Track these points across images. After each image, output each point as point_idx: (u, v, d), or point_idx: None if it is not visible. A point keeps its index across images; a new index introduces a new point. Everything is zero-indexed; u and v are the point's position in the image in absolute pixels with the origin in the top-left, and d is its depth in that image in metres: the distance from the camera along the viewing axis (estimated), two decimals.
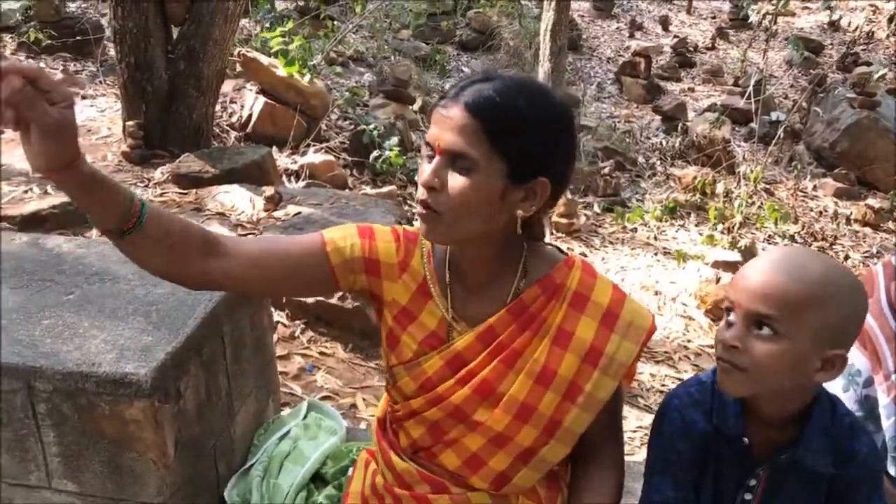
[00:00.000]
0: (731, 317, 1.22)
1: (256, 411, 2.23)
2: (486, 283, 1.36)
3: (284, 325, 3.55)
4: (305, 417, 2.28)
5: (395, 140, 6.41)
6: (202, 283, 1.33)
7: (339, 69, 8.23)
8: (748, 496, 1.34)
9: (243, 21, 6.43)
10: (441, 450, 1.41)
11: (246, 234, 3.99)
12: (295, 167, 5.68)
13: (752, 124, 8.86)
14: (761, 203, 7.35)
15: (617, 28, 12.61)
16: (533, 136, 1.23)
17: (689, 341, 4.67)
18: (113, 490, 1.74)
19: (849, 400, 1.59)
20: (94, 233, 4.21)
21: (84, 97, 6.54)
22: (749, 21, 10.65)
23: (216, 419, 1.97)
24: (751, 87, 8.57)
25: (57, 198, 4.23)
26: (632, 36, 12.23)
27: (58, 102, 1.05)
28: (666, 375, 4.19)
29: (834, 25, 12.78)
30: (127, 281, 2.02)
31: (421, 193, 1.25)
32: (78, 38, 7.32)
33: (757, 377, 1.20)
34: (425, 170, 1.25)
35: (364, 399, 3.23)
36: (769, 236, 6.87)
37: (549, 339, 1.33)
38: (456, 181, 1.22)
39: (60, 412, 1.69)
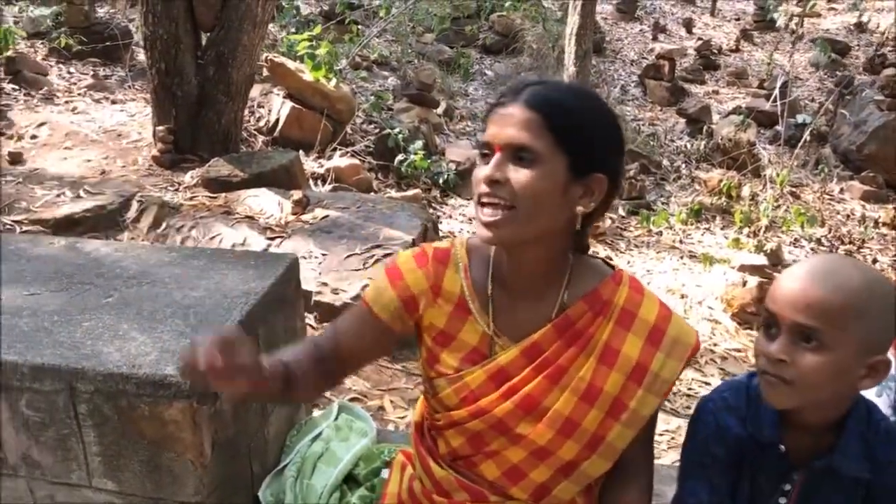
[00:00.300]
0: (772, 329, 1.22)
1: (289, 413, 2.26)
2: (531, 293, 1.36)
3: (313, 328, 3.58)
4: (336, 419, 2.31)
5: (419, 143, 6.45)
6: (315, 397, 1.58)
7: (363, 73, 8.28)
8: (782, 500, 1.35)
9: (269, 26, 6.48)
10: (481, 460, 1.41)
11: (275, 238, 4.04)
12: (321, 171, 5.73)
13: (778, 127, 8.79)
14: (787, 206, 7.30)
15: (640, 31, 12.57)
16: (591, 132, 1.26)
17: (715, 345, 4.65)
18: (151, 489, 1.78)
19: (883, 404, 1.59)
20: (127, 235, 4.28)
21: (114, 102, 6.63)
22: (775, 23, 10.56)
23: (251, 420, 2.00)
24: (776, 90, 8.51)
25: (89, 202, 4.31)
26: (655, 38, 12.19)
27: (240, 352, 1.16)
28: (692, 379, 4.18)
29: (861, 27, 12.64)
30: (164, 284, 2.06)
31: (482, 190, 1.25)
32: (107, 43, 7.42)
33: (804, 389, 1.21)
34: (484, 168, 1.25)
35: (392, 401, 3.25)
36: (795, 240, 6.82)
37: (595, 358, 1.33)
38: (520, 174, 1.23)
39: (101, 413, 1.73)
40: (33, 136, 5.73)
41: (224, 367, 1.11)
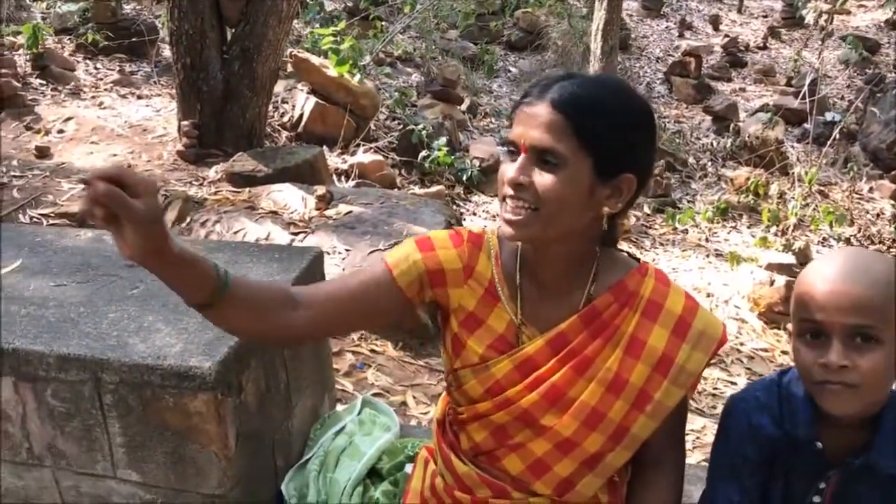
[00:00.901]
0: (821, 338, 1.20)
1: (312, 406, 2.25)
2: (558, 286, 1.35)
3: None
4: (360, 413, 2.30)
5: (443, 140, 6.43)
6: (289, 338, 1.40)
7: (387, 69, 8.28)
8: (817, 499, 1.32)
9: (294, 22, 6.50)
10: (504, 454, 1.40)
11: (298, 233, 4.04)
12: (345, 166, 5.73)
13: (806, 125, 8.68)
14: (816, 205, 7.20)
15: (666, 27, 12.47)
16: (619, 132, 1.23)
17: (741, 344, 4.60)
18: (175, 481, 1.77)
19: None
20: None
21: (140, 97, 6.68)
22: (803, 20, 10.43)
23: (275, 413, 1.99)
24: (805, 87, 8.40)
25: None
26: (681, 35, 12.09)
27: (142, 195, 1.07)
28: (718, 379, 4.13)
29: (891, 24, 12.45)
30: None
31: (506, 191, 1.24)
32: (133, 39, 7.48)
33: (870, 390, 1.20)
34: (509, 168, 1.24)
35: (414, 397, 3.24)
36: (824, 239, 6.73)
37: (622, 349, 1.32)
38: (544, 178, 1.21)
39: (126, 403, 1.73)
40: (60, 131, 5.78)
41: (105, 198, 1.03)
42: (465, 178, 6.41)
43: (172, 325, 1.82)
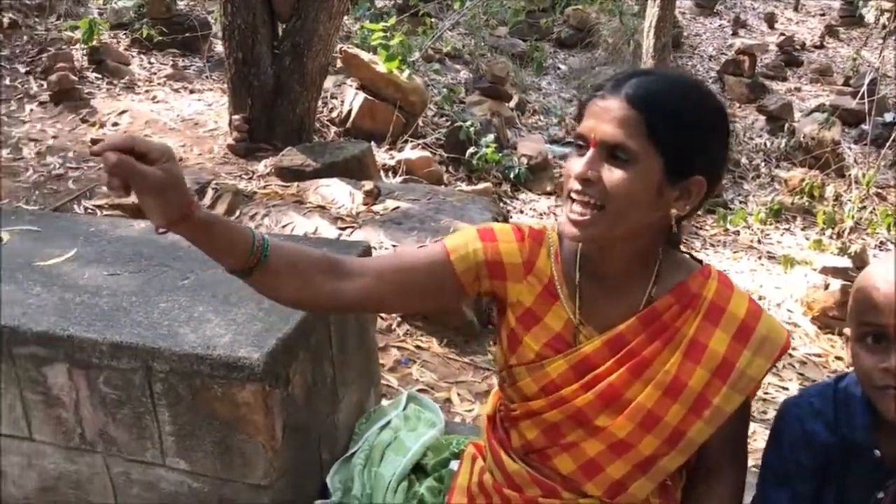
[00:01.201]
0: (882, 342, 1.17)
1: (358, 401, 2.25)
2: (618, 286, 1.32)
3: (381, 318, 3.58)
4: (405, 408, 2.29)
5: (490, 137, 6.41)
6: (334, 306, 1.34)
7: (436, 66, 8.27)
8: None
9: (344, 18, 6.53)
10: (556, 453, 1.38)
11: (346, 228, 4.05)
12: (392, 162, 5.74)
13: (864, 126, 8.45)
14: (873, 208, 7.00)
15: (720, 25, 12.25)
16: (692, 133, 1.20)
17: (794, 349, 4.49)
18: (222, 470, 1.78)
19: None
20: None
21: (192, 91, 6.78)
22: (863, 19, 10.16)
23: (321, 406, 2.00)
24: (864, 87, 8.17)
25: None
26: (735, 34, 11.86)
27: (158, 160, 1.07)
28: (769, 384, 4.03)
29: None
30: None
31: (572, 186, 1.22)
32: (186, 34, 7.59)
33: None
34: (576, 163, 1.21)
35: (459, 394, 3.22)
36: (881, 242, 6.54)
37: (681, 352, 1.29)
38: (613, 174, 1.18)
39: (176, 392, 1.74)
40: (115, 124, 5.89)
41: (117, 167, 1.03)
42: (512, 175, 6.38)
43: (222, 316, 1.84)
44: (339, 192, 4.52)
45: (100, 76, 6.74)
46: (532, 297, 1.36)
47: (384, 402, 2.41)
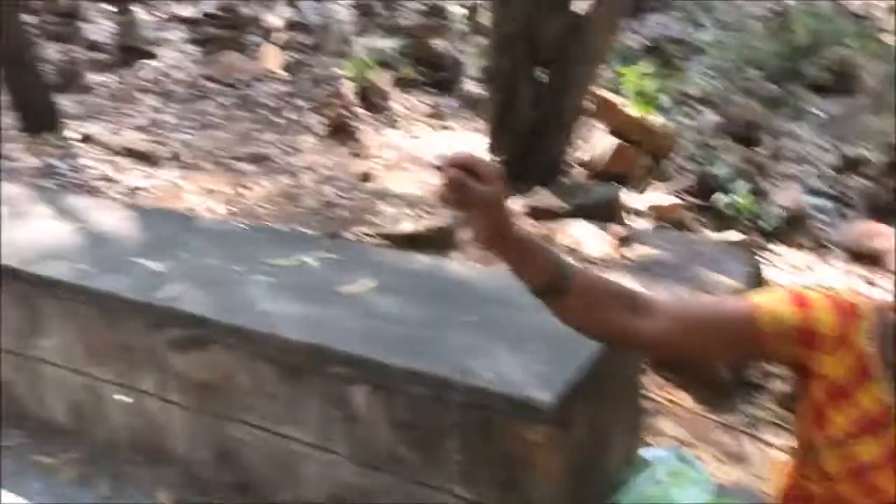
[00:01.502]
0: None
1: (625, 448, 2.26)
2: None
3: None
4: (670, 464, 2.26)
5: (742, 184, 6.17)
6: (624, 341, 1.36)
7: (685, 109, 8.11)
8: None
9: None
10: None
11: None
12: (639, 206, 5.69)
13: None
14: None
15: None
16: None
17: None
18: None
19: None
20: (457, 255, 4.56)
21: (446, 128, 7.14)
22: None
23: (596, 450, 2.03)
24: None
25: (428, 221, 4.66)
26: None
27: (488, 181, 1.16)
28: None
29: None
30: (524, 308, 2.15)
31: None
32: (443, 73, 8.03)
33: None
34: None
35: (713, 455, 3.12)
36: None
37: None
38: None
39: (467, 423, 1.85)
40: (378, 157, 6.34)
41: (455, 183, 1.12)
42: (766, 226, 6.09)
43: (512, 355, 1.93)
44: (587, 235, 4.56)
45: (366, 112, 7.29)
46: (842, 371, 1.29)
47: (648, 454, 2.39)
